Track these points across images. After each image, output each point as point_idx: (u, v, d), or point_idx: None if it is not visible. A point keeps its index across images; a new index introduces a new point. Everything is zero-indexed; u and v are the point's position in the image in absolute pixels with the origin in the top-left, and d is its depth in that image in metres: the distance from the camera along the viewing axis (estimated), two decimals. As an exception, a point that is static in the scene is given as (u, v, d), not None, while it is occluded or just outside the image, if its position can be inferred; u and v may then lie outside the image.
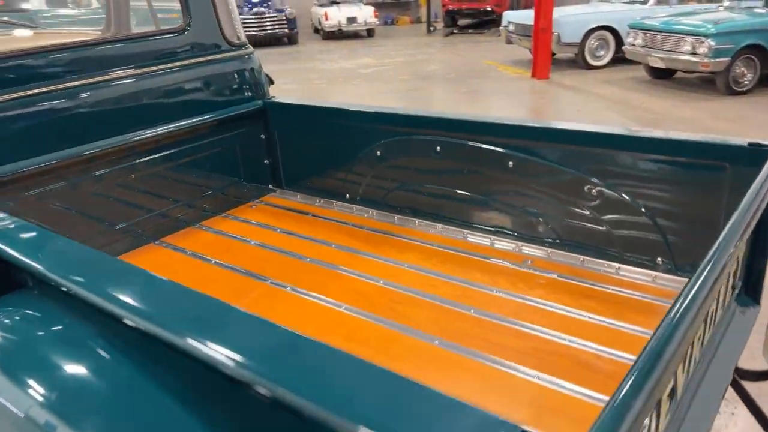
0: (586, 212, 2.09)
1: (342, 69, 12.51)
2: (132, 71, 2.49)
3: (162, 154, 2.58)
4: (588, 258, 2.13)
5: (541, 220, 2.22)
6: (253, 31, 16.24)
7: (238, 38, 2.89)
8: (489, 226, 2.36)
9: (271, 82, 3.17)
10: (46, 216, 2.26)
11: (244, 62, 2.89)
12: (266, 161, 2.98)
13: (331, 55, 14.55)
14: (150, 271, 2.29)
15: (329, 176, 2.85)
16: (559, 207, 2.15)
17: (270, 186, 3.03)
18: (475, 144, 2.27)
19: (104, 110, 2.42)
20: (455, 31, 18.16)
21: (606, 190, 2.02)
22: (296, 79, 11.40)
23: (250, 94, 2.90)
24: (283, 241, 2.49)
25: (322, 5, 18.10)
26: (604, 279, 2.03)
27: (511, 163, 2.20)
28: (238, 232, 2.61)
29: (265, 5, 16.63)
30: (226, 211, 2.83)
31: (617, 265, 2.06)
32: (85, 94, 2.35)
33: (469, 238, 2.38)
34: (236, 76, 2.86)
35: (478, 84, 10.24)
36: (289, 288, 2.11)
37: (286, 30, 16.73)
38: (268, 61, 13.79)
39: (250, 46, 2.97)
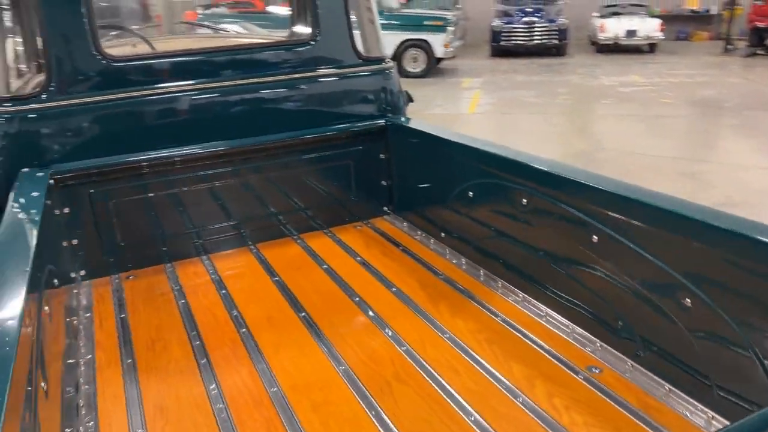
0: (679, 326, 1.49)
1: (600, 86, 11.54)
2: (256, 79, 2.56)
3: (278, 161, 2.61)
4: (675, 390, 1.52)
5: (622, 322, 1.66)
6: (522, 40, 15.96)
7: (377, 53, 2.78)
8: (572, 311, 1.85)
9: (410, 100, 2.99)
10: (167, 204, 2.46)
11: (377, 78, 2.77)
12: (384, 183, 2.83)
13: (594, 70, 13.53)
14: (219, 274, 2.36)
15: (432, 210, 2.58)
16: (645, 309, 1.57)
17: (385, 209, 2.87)
18: (559, 204, 1.79)
19: (225, 113, 2.54)
20: (759, 51, 15.33)
21: (704, 301, 1.40)
22: (543, 93, 10.87)
23: (376, 111, 2.77)
24: (351, 273, 2.32)
25: (601, 16, 16.93)
26: (682, 426, 1.42)
27: (595, 237, 1.68)
28: (321, 252, 2.52)
29: (537, 15, 16.18)
30: (330, 228, 2.75)
31: (710, 412, 1.43)
32: (209, 96, 2.49)
33: (545, 319, 1.90)
34: (364, 91, 2.76)
35: (757, 118, 8.47)
36: (314, 329, 1.94)
37: (556, 40, 16.03)
38: (526, 71, 13.53)
39: (390, 62, 2.84)
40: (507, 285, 2.11)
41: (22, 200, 1.92)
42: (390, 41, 12.22)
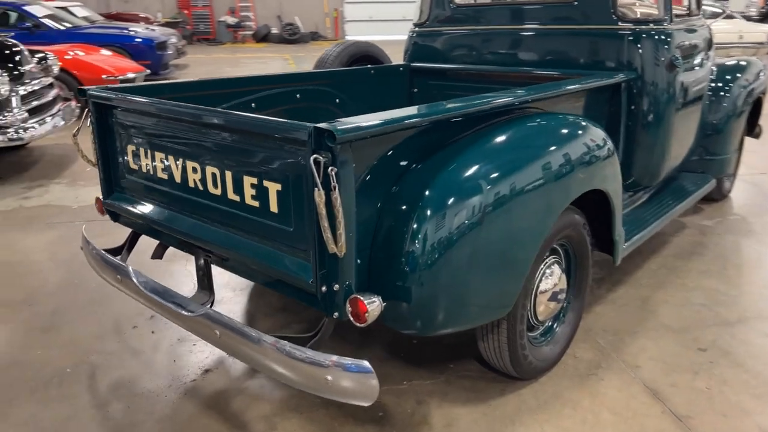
0: None
1: None
2: (536, 26, 3.68)
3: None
4: None
5: None
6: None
7: (633, 15, 3.48)
8: None
9: (674, 67, 3.51)
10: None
11: (629, 37, 3.47)
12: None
13: None
14: None
15: None
16: None
17: None
18: None
19: (515, 47, 3.73)
20: None
21: None
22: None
23: (619, 64, 3.49)
24: None
25: None
26: None
27: None
28: None
29: None
30: None
31: None
32: (508, 34, 3.71)
33: None
34: (614, 45, 3.50)
35: None
36: None
37: None
38: None
39: (650, 25, 3.48)
40: None
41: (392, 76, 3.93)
42: None
